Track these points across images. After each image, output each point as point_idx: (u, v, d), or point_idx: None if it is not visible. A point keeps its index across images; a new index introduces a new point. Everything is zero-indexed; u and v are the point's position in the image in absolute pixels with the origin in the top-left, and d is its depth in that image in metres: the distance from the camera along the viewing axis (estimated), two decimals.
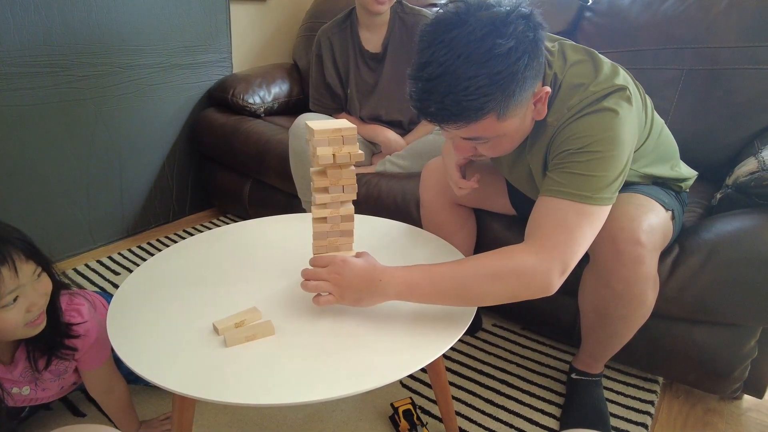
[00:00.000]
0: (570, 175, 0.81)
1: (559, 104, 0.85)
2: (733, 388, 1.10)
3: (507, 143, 0.87)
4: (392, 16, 1.55)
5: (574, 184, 0.80)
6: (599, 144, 0.80)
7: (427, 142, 1.48)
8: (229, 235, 1.11)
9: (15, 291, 0.76)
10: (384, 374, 0.70)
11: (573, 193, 0.80)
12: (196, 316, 0.82)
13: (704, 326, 1.07)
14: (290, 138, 1.49)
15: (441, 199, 1.20)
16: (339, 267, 0.80)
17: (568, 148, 0.82)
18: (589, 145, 0.80)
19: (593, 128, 0.80)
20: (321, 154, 0.79)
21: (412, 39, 1.50)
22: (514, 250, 0.80)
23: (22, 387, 0.89)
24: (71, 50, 1.60)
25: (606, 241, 0.88)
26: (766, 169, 1.01)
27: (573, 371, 1.16)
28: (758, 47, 1.31)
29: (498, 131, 0.81)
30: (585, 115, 0.81)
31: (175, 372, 0.70)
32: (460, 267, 0.80)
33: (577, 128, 0.82)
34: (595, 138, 0.80)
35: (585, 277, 1.03)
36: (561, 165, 0.83)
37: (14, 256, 0.76)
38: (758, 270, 0.95)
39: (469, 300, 0.81)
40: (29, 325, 0.80)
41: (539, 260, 0.78)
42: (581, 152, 0.81)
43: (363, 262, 0.81)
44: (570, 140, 0.82)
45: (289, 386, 0.67)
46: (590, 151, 0.80)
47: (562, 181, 0.81)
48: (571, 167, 0.81)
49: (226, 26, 2.03)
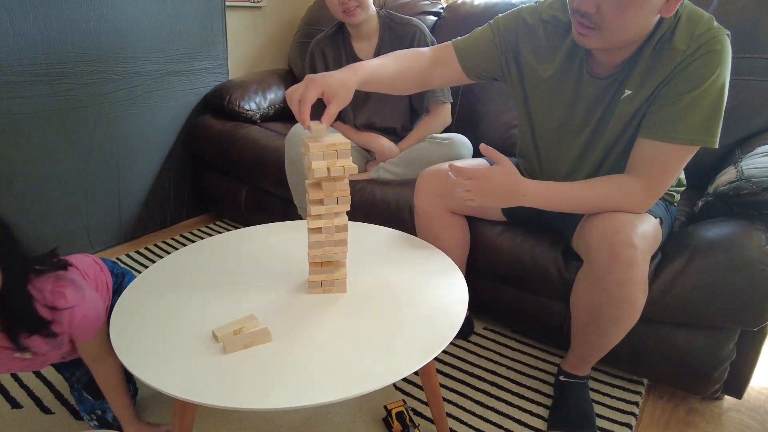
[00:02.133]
0: (682, 118, 0.90)
1: (684, 30, 0.89)
2: (713, 389, 1.14)
3: (633, 13, 0.84)
4: (382, 26, 1.59)
5: (686, 129, 0.90)
6: (713, 89, 0.88)
7: (420, 150, 1.52)
8: (227, 243, 1.14)
9: None
10: (377, 378, 0.73)
11: (683, 138, 0.90)
12: (196, 324, 0.85)
13: (686, 329, 1.12)
14: (286, 146, 1.52)
15: (435, 206, 1.22)
16: (480, 181, 0.97)
17: (686, 88, 0.89)
18: (706, 90, 0.88)
19: (712, 70, 0.87)
20: (316, 167, 0.82)
21: (402, 47, 1.53)
22: (628, 183, 0.96)
23: (24, 353, 0.89)
24: (70, 59, 1.63)
25: (602, 243, 0.93)
26: (744, 179, 1.05)
27: (561, 373, 1.20)
28: (740, 59, 1.35)
29: None
30: (708, 53, 0.87)
31: (177, 378, 0.73)
32: (589, 191, 0.97)
33: (700, 66, 0.88)
34: (712, 82, 0.87)
35: (579, 280, 1.07)
36: (671, 103, 0.91)
37: None
38: (735, 275, 1.00)
39: (591, 211, 0.99)
40: None
41: (646, 196, 0.96)
42: (698, 95, 0.88)
43: (503, 175, 0.97)
44: (691, 79, 0.88)
45: (285, 391, 0.70)
46: (705, 96, 0.88)
47: (673, 124, 0.90)
48: (684, 110, 0.89)
49: (222, 33, 2.06)
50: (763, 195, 1.01)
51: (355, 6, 1.47)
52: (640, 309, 0.98)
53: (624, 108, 0.98)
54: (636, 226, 0.93)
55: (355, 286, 0.96)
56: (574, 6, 0.89)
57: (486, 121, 1.75)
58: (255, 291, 0.95)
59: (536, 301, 1.30)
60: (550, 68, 1.06)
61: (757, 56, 1.35)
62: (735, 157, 1.23)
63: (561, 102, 1.07)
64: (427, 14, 1.99)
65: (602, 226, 0.95)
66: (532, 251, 1.23)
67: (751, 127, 1.34)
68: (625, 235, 0.91)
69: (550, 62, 1.06)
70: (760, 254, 0.98)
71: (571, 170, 1.12)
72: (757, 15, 1.36)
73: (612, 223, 0.94)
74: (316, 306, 0.90)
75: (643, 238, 0.92)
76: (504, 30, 1.10)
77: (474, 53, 1.13)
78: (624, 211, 0.96)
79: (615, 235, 0.92)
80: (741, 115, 1.35)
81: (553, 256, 1.21)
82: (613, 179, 0.98)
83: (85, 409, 1.08)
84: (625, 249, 0.91)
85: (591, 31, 0.89)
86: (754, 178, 1.02)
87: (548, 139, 1.14)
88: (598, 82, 1.00)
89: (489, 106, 1.75)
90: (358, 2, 1.47)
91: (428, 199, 1.23)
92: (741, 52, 1.36)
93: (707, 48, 0.87)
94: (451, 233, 1.25)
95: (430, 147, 1.50)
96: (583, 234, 1.02)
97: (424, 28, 1.58)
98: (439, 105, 1.58)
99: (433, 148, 1.49)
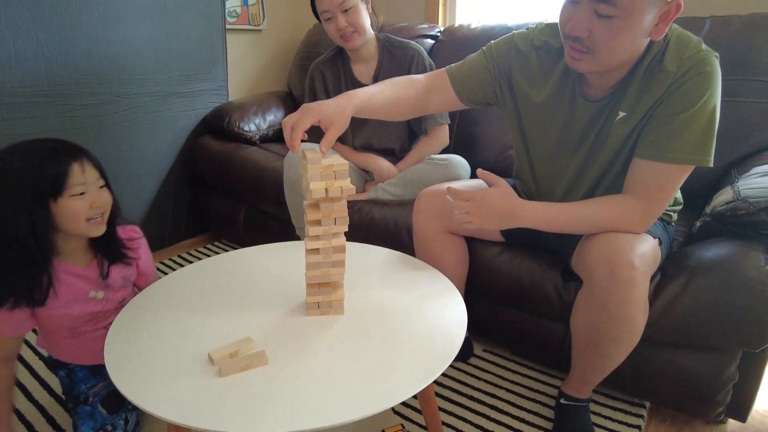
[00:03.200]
0: (676, 138, 0.91)
1: (674, 52, 0.92)
2: (716, 412, 1.13)
3: (624, 37, 0.86)
4: (380, 49, 1.61)
5: (681, 148, 0.91)
6: (706, 109, 0.90)
7: (418, 171, 1.52)
8: (224, 264, 1.14)
9: (81, 186, 0.94)
10: (375, 402, 0.72)
11: (679, 158, 0.92)
12: (192, 346, 0.84)
13: (687, 351, 1.11)
14: (285, 167, 1.53)
15: (433, 227, 1.22)
16: (478, 203, 0.99)
17: (678, 108, 0.91)
18: (699, 110, 0.90)
19: (703, 91, 0.90)
20: (314, 188, 0.83)
21: (401, 70, 1.55)
22: (626, 204, 0.97)
23: (98, 291, 1.04)
24: (71, 80, 1.64)
25: (602, 264, 0.94)
26: (740, 199, 1.05)
27: (562, 396, 1.18)
28: (734, 81, 1.37)
29: (628, 6, 0.83)
30: (699, 75, 0.89)
31: (171, 401, 0.72)
32: (587, 212, 0.99)
33: (691, 88, 0.90)
34: (704, 102, 0.89)
35: (579, 301, 1.06)
36: (665, 124, 0.92)
37: (84, 160, 0.95)
38: (734, 295, 0.99)
39: (589, 231, 1.00)
40: (91, 222, 0.96)
41: (644, 216, 0.97)
42: (690, 115, 0.90)
43: (500, 197, 0.98)
44: (683, 100, 0.90)
45: (282, 415, 0.69)
46: (698, 116, 0.90)
47: (668, 144, 0.92)
48: (678, 130, 0.91)
49: (223, 55, 2.09)
50: (760, 215, 1.01)
51: (352, 32, 1.49)
52: (641, 330, 0.98)
53: (618, 129, 0.99)
54: (635, 247, 0.93)
55: (353, 308, 0.95)
56: (566, 31, 0.92)
57: (483, 143, 1.77)
58: (252, 312, 0.94)
59: (536, 322, 1.29)
60: (543, 92, 1.07)
61: (750, 78, 1.37)
62: (731, 178, 1.24)
63: (555, 125, 1.08)
64: (425, 38, 2.02)
65: (601, 246, 0.95)
66: (531, 272, 1.23)
67: (746, 148, 1.35)
68: (624, 256, 0.92)
69: (543, 87, 1.07)
70: (759, 274, 0.98)
71: (568, 190, 1.12)
72: (750, 38, 1.38)
73: (611, 244, 0.94)
74: (314, 328, 0.89)
75: (642, 258, 0.93)
76: (497, 56, 1.12)
77: (467, 79, 1.15)
78: (622, 231, 0.96)
79: (614, 255, 0.92)
80: (736, 135, 1.36)
81: (552, 277, 1.20)
82: (611, 200, 1.00)
83: (92, 426, 1.07)
84: (624, 269, 0.91)
85: (584, 55, 0.91)
86: (751, 198, 1.03)
87: (544, 161, 1.15)
88: (591, 104, 1.02)
89: (486, 128, 1.77)
90: (355, 28, 1.48)
91: (426, 220, 1.23)
92: (734, 74, 1.38)
93: (697, 69, 0.90)
94: (450, 254, 1.25)
95: (428, 168, 1.51)
96: (582, 254, 1.02)
97: (422, 51, 1.61)
98: (437, 126, 1.59)
99: (432, 169, 1.50)
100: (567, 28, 0.91)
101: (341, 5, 1.45)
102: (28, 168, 0.90)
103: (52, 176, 0.90)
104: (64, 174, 0.91)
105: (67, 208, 0.93)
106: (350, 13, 1.47)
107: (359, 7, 1.49)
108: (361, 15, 1.49)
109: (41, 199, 0.90)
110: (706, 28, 1.45)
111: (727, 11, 1.50)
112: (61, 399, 1.25)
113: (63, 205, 0.92)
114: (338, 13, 1.46)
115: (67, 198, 0.92)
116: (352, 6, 1.46)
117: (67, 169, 0.92)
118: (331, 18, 1.48)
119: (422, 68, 1.57)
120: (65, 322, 1.03)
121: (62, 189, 0.91)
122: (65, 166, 0.91)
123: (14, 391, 1.08)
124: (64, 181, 0.91)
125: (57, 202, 0.92)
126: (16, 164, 0.90)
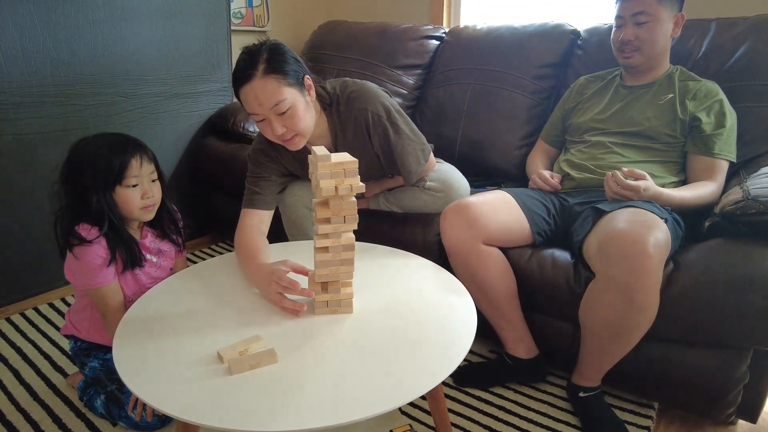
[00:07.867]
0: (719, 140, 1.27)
1: (686, 73, 1.36)
2: (726, 413, 1.12)
3: (657, 33, 1.29)
4: (331, 124, 1.30)
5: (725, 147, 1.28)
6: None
7: (417, 201, 1.41)
8: (233, 262, 1.14)
9: (136, 178, 1.10)
10: (383, 402, 0.71)
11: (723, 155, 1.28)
12: (201, 344, 0.84)
13: (697, 350, 1.10)
14: (281, 208, 1.39)
15: (466, 240, 1.19)
16: (639, 193, 1.14)
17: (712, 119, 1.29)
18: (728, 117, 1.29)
19: (722, 104, 1.30)
20: (324, 186, 0.82)
21: (361, 138, 1.30)
22: (714, 187, 1.25)
23: (153, 255, 1.20)
24: (78, 80, 1.65)
25: (619, 255, 1.00)
26: (750, 198, 1.04)
27: (579, 390, 1.19)
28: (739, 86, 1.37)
29: (657, 12, 1.27)
30: (713, 93, 1.31)
31: (180, 399, 0.71)
32: (692, 194, 1.22)
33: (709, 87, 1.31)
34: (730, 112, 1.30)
35: (592, 293, 1.08)
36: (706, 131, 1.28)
37: (143, 156, 1.11)
38: (743, 292, 1.00)
39: (693, 208, 1.22)
40: (143, 209, 1.13)
41: (719, 191, 1.25)
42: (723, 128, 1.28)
43: (653, 185, 1.16)
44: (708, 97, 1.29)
45: (290, 414, 0.69)
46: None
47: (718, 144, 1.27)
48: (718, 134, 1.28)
49: (227, 56, 2.09)
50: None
51: (293, 135, 1.16)
52: (656, 312, 1.04)
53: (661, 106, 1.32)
54: (650, 237, 0.99)
55: (361, 307, 0.95)
56: (620, 40, 1.34)
57: (489, 143, 1.76)
58: (261, 311, 0.94)
59: (545, 321, 1.28)
60: (591, 92, 1.48)
61: (755, 83, 1.37)
62: (740, 177, 1.23)
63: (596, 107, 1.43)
64: (429, 38, 2.02)
65: (618, 237, 1.01)
66: (542, 268, 1.22)
67: (753, 150, 1.35)
68: (641, 245, 0.98)
69: (590, 92, 1.49)
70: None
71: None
72: (754, 42, 1.39)
73: (628, 234, 1.00)
74: (323, 326, 0.89)
75: (657, 247, 0.99)
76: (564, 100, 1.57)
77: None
78: (708, 203, 1.22)
79: (632, 246, 0.99)
80: (743, 138, 1.35)
81: (564, 274, 1.18)
82: (708, 186, 1.25)
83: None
84: (641, 258, 0.98)
85: (634, 53, 1.33)
86: (762, 198, 1.02)
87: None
88: (630, 88, 1.39)
89: (492, 128, 1.76)
90: (296, 131, 1.15)
91: (457, 235, 1.19)
92: (740, 79, 1.39)
93: (709, 88, 1.31)
94: (492, 265, 1.20)
95: (426, 198, 1.41)
96: (598, 246, 1.05)
97: (377, 103, 1.27)
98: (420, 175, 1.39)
99: (431, 200, 1.40)
100: (621, 36, 1.33)
101: (274, 109, 1.10)
102: (99, 158, 1.07)
103: (116, 167, 1.07)
104: (124, 166, 1.08)
105: (123, 195, 1.10)
106: (287, 116, 1.12)
107: (297, 106, 1.13)
108: (300, 116, 1.14)
109: (108, 186, 1.08)
110: (712, 32, 1.46)
111: (732, 13, 1.51)
112: (65, 397, 1.25)
113: (120, 192, 1.09)
114: (272, 117, 1.12)
115: (124, 187, 1.09)
116: (288, 108, 1.11)
117: (127, 162, 1.08)
118: (264, 120, 1.14)
119: (381, 128, 1.27)
120: (131, 286, 1.16)
121: (121, 179, 1.08)
122: (126, 159, 1.08)
123: None
124: (124, 172, 1.08)
125: (115, 190, 1.09)
126: (90, 153, 1.08)
